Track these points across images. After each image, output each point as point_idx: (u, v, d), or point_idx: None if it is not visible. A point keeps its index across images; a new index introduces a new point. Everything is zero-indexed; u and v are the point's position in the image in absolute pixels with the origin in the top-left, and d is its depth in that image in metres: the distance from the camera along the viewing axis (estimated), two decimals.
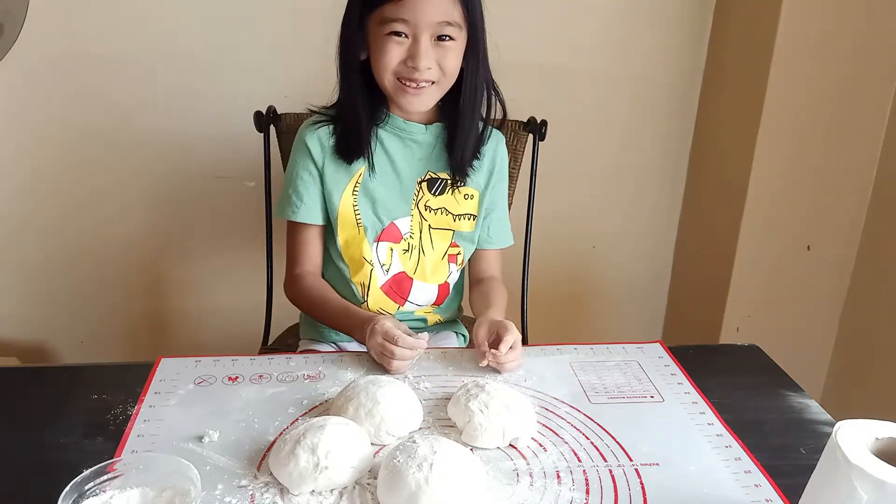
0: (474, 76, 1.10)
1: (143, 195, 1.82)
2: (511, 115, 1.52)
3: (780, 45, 1.62)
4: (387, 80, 1.07)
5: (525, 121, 1.51)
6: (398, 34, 1.03)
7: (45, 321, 1.91)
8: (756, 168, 1.72)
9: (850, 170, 1.76)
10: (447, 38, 1.04)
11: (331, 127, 1.14)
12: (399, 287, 1.20)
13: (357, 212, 1.15)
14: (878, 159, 1.75)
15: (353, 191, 1.15)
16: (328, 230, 1.19)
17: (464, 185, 1.19)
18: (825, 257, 1.83)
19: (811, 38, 1.63)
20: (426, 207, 1.18)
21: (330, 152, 1.14)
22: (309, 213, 1.16)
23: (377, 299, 1.19)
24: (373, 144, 1.14)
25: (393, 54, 1.04)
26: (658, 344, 1.10)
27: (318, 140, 1.14)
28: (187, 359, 1.03)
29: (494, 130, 1.22)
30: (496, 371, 1.01)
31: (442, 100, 1.13)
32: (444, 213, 1.19)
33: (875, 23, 1.63)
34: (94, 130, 1.75)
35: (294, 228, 1.18)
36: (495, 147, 1.22)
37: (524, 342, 1.55)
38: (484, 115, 1.16)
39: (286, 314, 1.41)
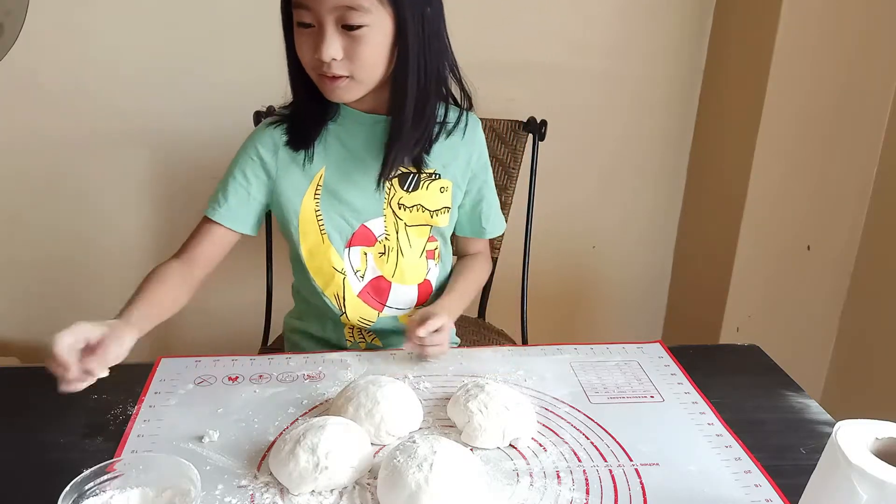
0: (404, 66, 0.97)
1: (143, 195, 1.82)
2: (511, 116, 1.53)
3: (780, 45, 1.62)
4: (309, 73, 1.00)
5: (525, 121, 1.51)
6: (305, 25, 0.95)
7: (45, 321, 1.91)
8: (756, 168, 1.72)
9: (850, 170, 1.76)
10: (355, 26, 0.93)
11: (285, 126, 1.07)
12: (377, 292, 1.13)
13: (320, 217, 1.08)
14: (879, 159, 1.75)
15: (315, 194, 1.07)
16: (290, 242, 1.11)
17: (439, 177, 1.10)
18: (825, 257, 1.83)
19: (811, 38, 1.63)
20: (400, 206, 1.09)
21: (285, 153, 1.07)
22: (224, 215, 1.06)
23: (355, 308, 1.13)
24: (329, 139, 1.07)
25: (304, 46, 0.96)
26: (658, 344, 1.10)
27: (272, 140, 1.07)
28: (187, 359, 1.03)
29: (470, 115, 1.13)
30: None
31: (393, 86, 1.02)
32: (419, 210, 1.10)
33: (875, 23, 1.63)
34: (93, 130, 1.75)
35: (203, 222, 1.08)
36: (472, 134, 1.12)
37: (524, 342, 1.56)
38: (437, 107, 1.06)
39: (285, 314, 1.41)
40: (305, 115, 1.06)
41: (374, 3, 0.93)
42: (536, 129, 1.49)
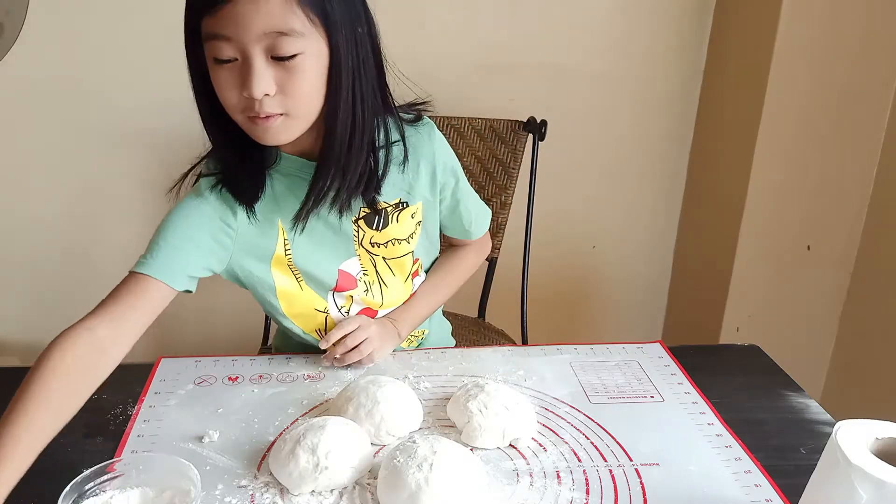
0: (335, 99, 0.85)
1: (143, 195, 1.82)
2: (511, 115, 1.53)
3: (780, 45, 1.62)
4: (233, 117, 0.86)
5: (525, 121, 1.51)
6: (226, 60, 0.81)
7: (45, 321, 1.90)
8: (756, 168, 1.72)
9: (850, 170, 1.76)
10: (288, 56, 0.80)
11: (226, 185, 0.94)
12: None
13: (296, 272, 1.00)
14: (879, 159, 1.75)
15: (286, 250, 0.98)
16: (261, 299, 1.03)
17: (407, 205, 1.01)
18: (825, 257, 1.83)
19: (811, 38, 1.63)
20: (372, 244, 1.02)
21: (242, 213, 0.94)
22: (161, 267, 0.88)
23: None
24: (277, 189, 0.95)
25: (226, 85, 0.82)
26: (658, 344, 1.10)
27: (222, 202, 0.93)
28: (187, 359, 1.03)
29: (421, 126, 1.00)
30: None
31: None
32: (395, 244, 1.02)
33: (875, 23, 1.63)
34: (93, 130, 1.75)
35: (137, 277, 0.88)
36: (429, 147, 1.00)
37: (524, 342, 1.56)
38: (377, 140, 0.94)
39: None
40: (241, 171, 0.93)
41: (307, 26, 0.80)
42: (536, 129, 1.50)
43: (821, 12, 1.61)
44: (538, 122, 1.49)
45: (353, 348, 1.00)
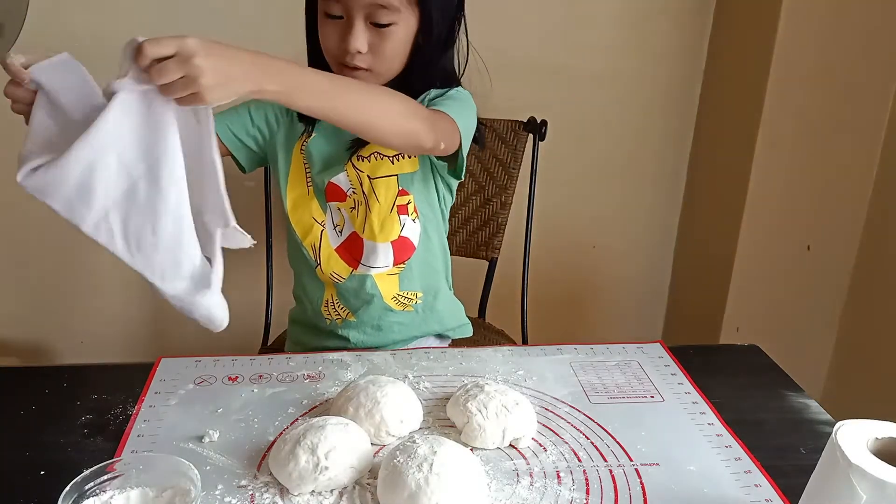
0: (424, 62, 1.05)
1: None
2: (511, 115, 1.53)
3: (780, 44, 1.62)
4: (329, 61, 1.05)
5: (525, 121, 1.51)
6: (333, 16, 1.01)
7: (45, 321, 1.91)
8: (756, 168, 1.72)
9: (850, 170, 1.76)
10: (383, 24, 0.99)
11: None
12: (353, 248, 1.13)
13: (308, 169, 1.12)
14: (879, 159, 1.75)
15: (301, 148, 1.12)
16: (281, 199, 1.15)
17: None
18: (825, 257, 1.83)
19: (811, 38, 1.63)
20: (358, 157, 1.10)
21: (293, 115, 1.13)
22: (216, 116, 1.01)
23: (329, 261, 1.14)
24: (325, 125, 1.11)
25: (328, 35, 1.02)
26: (658, 344, 1.10)
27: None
28: (187, 359, 1.03)
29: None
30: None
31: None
32: (377, 158, 1.09)
33: (875, 22, 1.63)
34: None
35: None
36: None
37: (524, 342, 1.56)
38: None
39: (286, 314, 1.41)
40: None
41: (404, 3, 0.99)
42: (536, 129, 1.50)
43: (821, 12, 1.61)
44: (538, 122, 1.49)
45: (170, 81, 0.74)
